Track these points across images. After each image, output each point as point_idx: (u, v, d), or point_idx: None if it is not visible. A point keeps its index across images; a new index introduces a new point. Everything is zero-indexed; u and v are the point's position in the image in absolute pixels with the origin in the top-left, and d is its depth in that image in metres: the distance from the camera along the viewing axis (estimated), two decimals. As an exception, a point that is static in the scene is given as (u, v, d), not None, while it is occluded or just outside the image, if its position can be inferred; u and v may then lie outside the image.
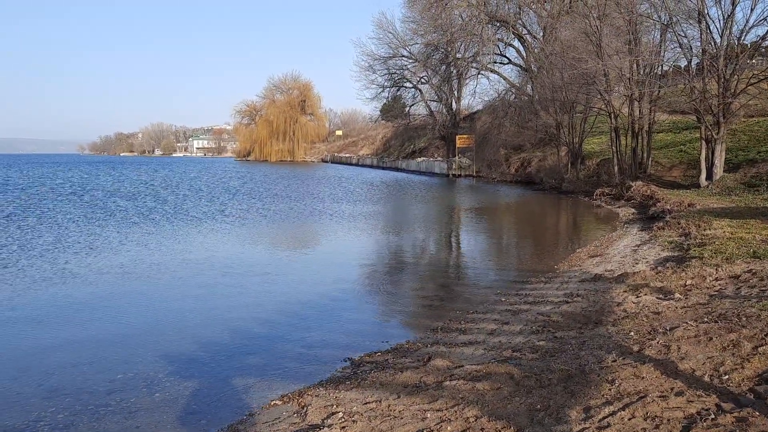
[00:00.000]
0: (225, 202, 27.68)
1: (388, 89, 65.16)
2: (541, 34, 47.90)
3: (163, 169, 73.53)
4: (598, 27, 27.68)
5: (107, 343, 7.43)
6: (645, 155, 29.77)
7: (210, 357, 6.92)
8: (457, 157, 53.00)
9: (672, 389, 4.67)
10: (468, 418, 4.59)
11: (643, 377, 4.97)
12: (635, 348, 5.79)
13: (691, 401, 4.40)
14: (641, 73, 27.92)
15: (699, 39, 24.43)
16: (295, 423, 4.96)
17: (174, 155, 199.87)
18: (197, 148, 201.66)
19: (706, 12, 23.70)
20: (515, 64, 53.14)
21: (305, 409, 5.24)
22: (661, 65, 29.57)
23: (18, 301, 9.52)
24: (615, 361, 5.47)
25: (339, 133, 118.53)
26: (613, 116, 29.25)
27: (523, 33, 50.34)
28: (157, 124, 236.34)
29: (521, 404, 4.73)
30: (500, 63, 53.94)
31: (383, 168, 73.27)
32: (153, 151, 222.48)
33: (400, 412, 4.91)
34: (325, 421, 4.89)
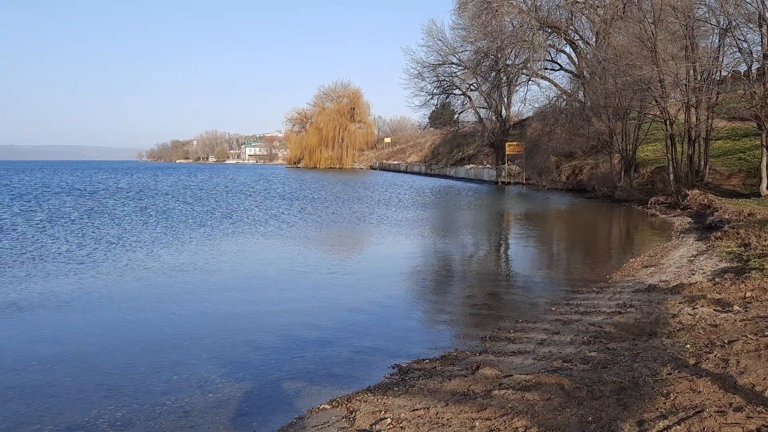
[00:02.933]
0: (277, 207, 28.15)
1: (437, 96, 65.02)
2: (594, 39, 47.03)
3: (216, 175, 75.35)
4: (653, 32, 27.02)
5: (163, 344, 7.66)
6: (702, 163, 28.89)
7: (261, 360, 7.04)
8: (506, 165, 52.47)
9: (730, 404, 4.52)
10: (517, 428, 4.55)
11: (699, 391, 4.83)
12: (691, 361, 5.63)
13: (750, 417, 4.25)
14: (698, 78, 27.10)
15: (760, 43, 23.63)
16: (343, 428, 5.01)
17: (227, 162, 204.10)
18: (249, 155, 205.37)
19: (766, 15, 22.90)
20: (567, 71, 52.31)
21: (354, 414, 5.28)
22: (720, 71, 28.63)
23: (82, 301, 9.90)
24: (670, 374, 5.33)
25: (387, 140, 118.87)
26: (668, 123, 28.46)
27: (575, 39, 49.54)
28: (212, 132, 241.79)
29: (572, 416, 4.66)
30: (551, 69, 53.19)
31: (431, 175, 73.12)
32: (207, 158, 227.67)
33: (448, 419, 4.89)
34: (374, 426, 4.92)
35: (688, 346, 6.16)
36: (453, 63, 60.93)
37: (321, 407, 5.58)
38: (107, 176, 68.72)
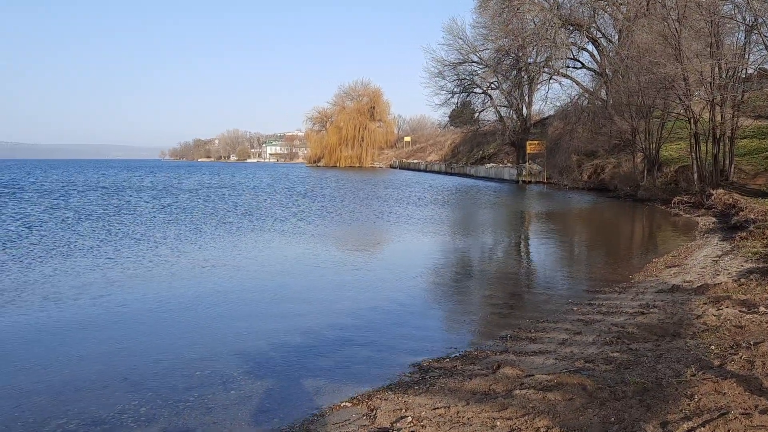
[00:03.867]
0: (297, 205, 28.29)
1: (457, 95, 64.81)
2: (617, 37, 46.57)
3: (238, 173, 75.90)
4: (677, 29, 26.64)
5: (186, 341, 7.74)
6: (727, 162, 28.44)
7: (282, 357, 7.09)
8: (527, 164, 52.18)
9: (756, 406, 4.46)
10: (539, 428, 4.54)
11: (724, 393, 4.77)
12: (716, 362, 5.56)
13: (777, 420, 4.19)
14: (723, 76, 26.69)
15: (787, 40, 23.19)
16: (364, 425, 5.02)
17: (248, 161, 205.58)
18: (270, 154, 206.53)
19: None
20: (589, 69, 51.84)
21: (374, 411, 5.29)
22: (745, 68, 28.16)
23: (107, 297, 10.05)
24: (694, 375, 5.28)
25: (407, 139, 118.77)
26: (692, 122, 28.08)
27: (598, 37, 49.09)
28: (233, 131, 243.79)
29: (594, 416, 4.63)
30: (573, 67, 52.74)
31: (451, 174, 72.95)
32: (228, 156, 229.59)
33: (469, 419, 4.89)
34: (395, 424, 4.93)
35: (713, 347, 6.09)
36: (474, 61, 60.76)
37: (342, 405, 5.60)
38: (131, 174, 69.62)
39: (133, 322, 8.71)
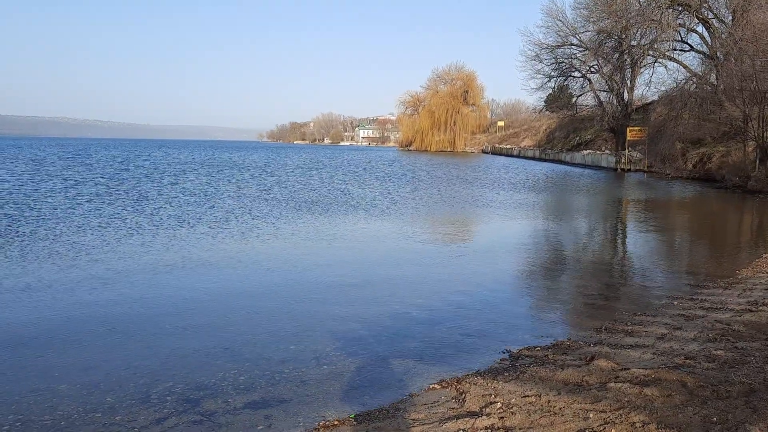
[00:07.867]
0: (388, 186, 28.65)
1: (554, 79, 62.68)
2: (730, 17, 43.61)
3: (334, 155, 77.52)
4: (801, 8, 24.66)
5: (281, 317, 8.03)
6: None
7: (372, 337, 7.23)
8: (626, 151, 50.07)
9: None
10: (634, 422, 4.40)
11: (842, 400, 4.45)
12: (833, 367, 5.19)
13: None
14: None
15: None
16: (453, 408, 5.05)
17: (341, 144, 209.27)
18: (362, 138, 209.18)
19: None
20: (698, 51, 48.88)
21: (463, 395, 5.31)
22: None
23: (211, 272, 10.60)
24: (808, 379, 4.94)
25: (501, 123, 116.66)
26: (814, 108, 26.00)
27: (709, 17, 46.13)
28: (327, 114, 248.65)
29: (695, 415, 4.44)
30: (680, 50, 49.90)
31: (545, 160, 71.15)
32: (322, 139, 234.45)
33: (560, 408, 4.81)
34: (484, 409, 4.92)
35: (830, 350, 5.68)
36: (573, 44, 58.56)
37: (431, 387, 5.65)
38: (236, 154, 72.65)
39: (232, 296, 9.13)
